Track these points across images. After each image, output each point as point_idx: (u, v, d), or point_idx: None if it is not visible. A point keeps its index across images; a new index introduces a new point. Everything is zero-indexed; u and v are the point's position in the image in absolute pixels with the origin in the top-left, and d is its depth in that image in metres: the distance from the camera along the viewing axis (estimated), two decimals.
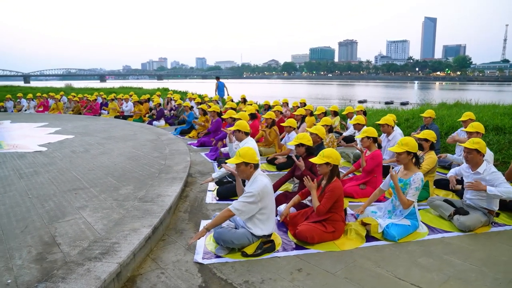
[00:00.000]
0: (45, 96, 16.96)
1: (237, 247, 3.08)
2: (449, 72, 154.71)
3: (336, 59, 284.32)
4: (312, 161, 3.47)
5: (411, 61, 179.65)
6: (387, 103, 27.01)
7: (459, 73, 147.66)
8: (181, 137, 9.18)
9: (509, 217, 3.88)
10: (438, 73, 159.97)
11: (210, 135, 8.07)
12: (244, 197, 3.04)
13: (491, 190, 3.46)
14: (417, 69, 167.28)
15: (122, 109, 13.39)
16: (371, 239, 3.36)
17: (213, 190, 4.80)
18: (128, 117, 12.69)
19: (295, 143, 4.14)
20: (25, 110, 15.52)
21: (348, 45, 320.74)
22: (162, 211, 3.61)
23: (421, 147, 4.50)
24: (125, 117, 12.78)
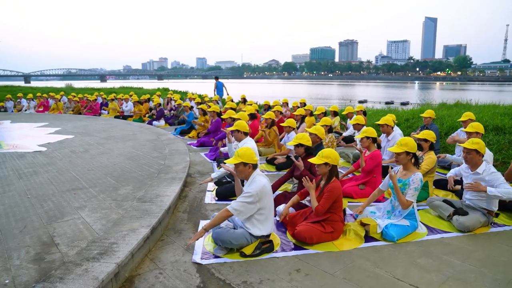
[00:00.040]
0: (45, 96, 16.97)
1: (236, 247, 3.08)
2: (449, 72, 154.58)
3: (336, 59, 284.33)
4: (310, 161, 3.46)
5: (412, 61, 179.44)
6: (387, 103, 27.00)
7: (459, 73, 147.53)
8: (181, 137, 9.19)
9: (508, 218, 3.87)
10: (439, 73, 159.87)
11: (210, 135, 8.07)
12: (242, 197, 3.04)
13: (491, 191, 3.45)
14: (418, 69, 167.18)
15: (122, 109, 13.40)
16: (370, 240, 3.35)
17: (212, 190, 4.80)
18: (128, 117, 12.70)
19: (294, 143, 4.14)
20: (25, 110, 15.53)
21: (349, 45, 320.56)
22: (161, 211, 3.61)
23: (420, 147, 4.50)
24: (125, 117, 12.79)
